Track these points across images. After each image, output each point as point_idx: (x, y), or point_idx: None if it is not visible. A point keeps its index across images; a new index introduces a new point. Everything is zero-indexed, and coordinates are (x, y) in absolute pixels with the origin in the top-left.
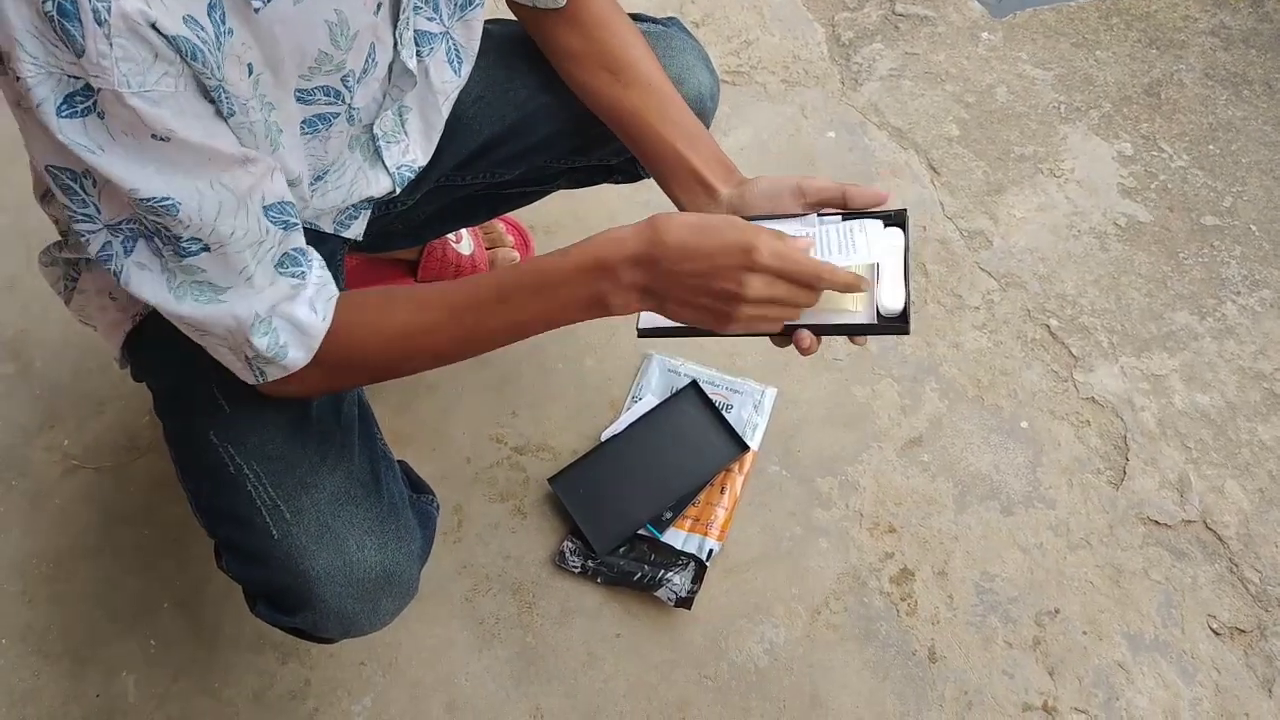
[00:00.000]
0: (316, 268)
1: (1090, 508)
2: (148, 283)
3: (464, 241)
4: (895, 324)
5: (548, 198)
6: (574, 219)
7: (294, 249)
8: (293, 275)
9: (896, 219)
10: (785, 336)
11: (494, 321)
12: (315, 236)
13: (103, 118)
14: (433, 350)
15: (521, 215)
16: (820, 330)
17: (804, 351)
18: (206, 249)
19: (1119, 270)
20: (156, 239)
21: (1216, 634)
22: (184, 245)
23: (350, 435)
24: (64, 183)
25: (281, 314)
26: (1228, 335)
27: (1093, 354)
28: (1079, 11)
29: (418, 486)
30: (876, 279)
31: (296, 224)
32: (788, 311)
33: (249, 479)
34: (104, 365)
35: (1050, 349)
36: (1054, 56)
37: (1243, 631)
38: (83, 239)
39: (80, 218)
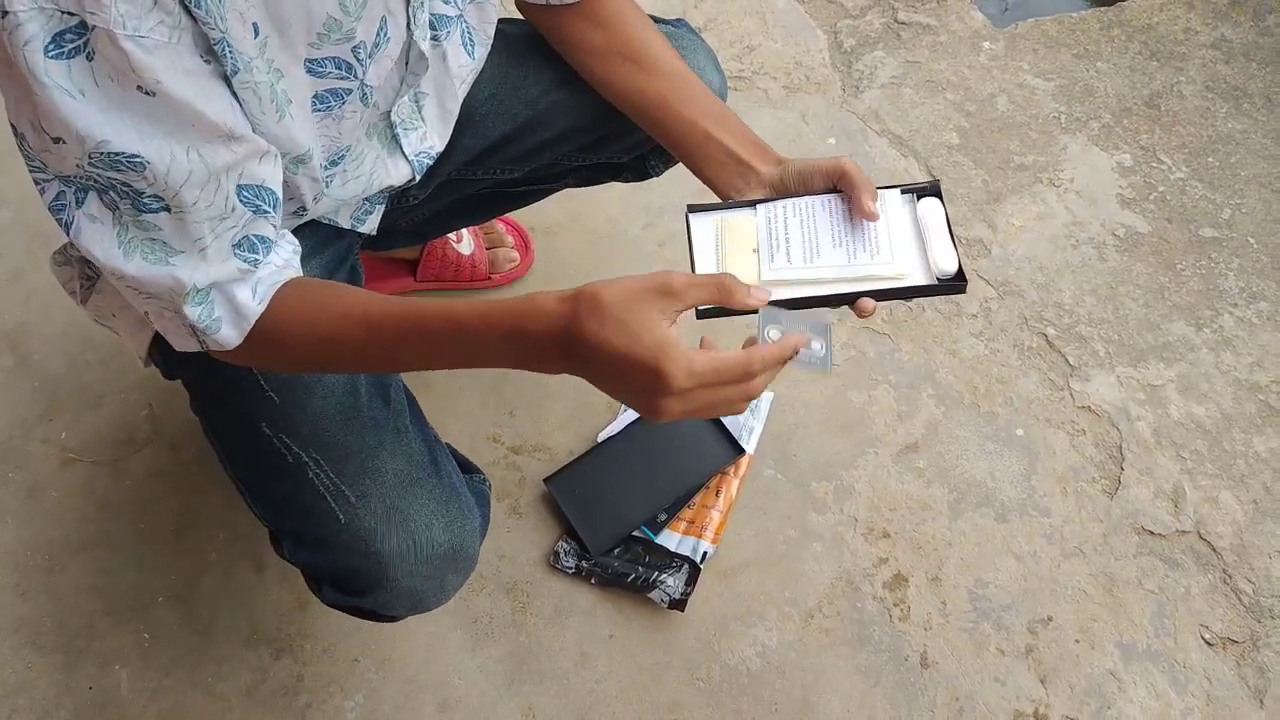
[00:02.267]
0: (281, 254)
1: (1084, 516)
2: (97, 237)
3: (464, 241)
4: (952, 283)
5: (548, 199)
6: (574, 220)
7: (257, 235)
8: (246, 260)
9: (931, 190)
10: (845, 303)
11: (408, 354)
12: (333, 232)
13: (91, 59)
14: (351, 361)
15: (522, 216)
16: (881, 295)
17: (862, 315)
18: (167, 209)
19: (1117, 280)
20: (111, 193)
21: (1209, 644)
22: (144, 201)
23: (403, 419)
24: (18, 134)
25: (222, 291)
26: (1224, 347)
27: (1089, 363)
28: (1080, 22)
29: (466, 467)
30: (926, 243)
31: (268, 212)
32: (726, 407)
33: (309, 467)
34: (103, 359)
35: (1047, 357)
36: (1055, 67)
37: (1235, 642)
38: (39, 188)
39: (34, 166)
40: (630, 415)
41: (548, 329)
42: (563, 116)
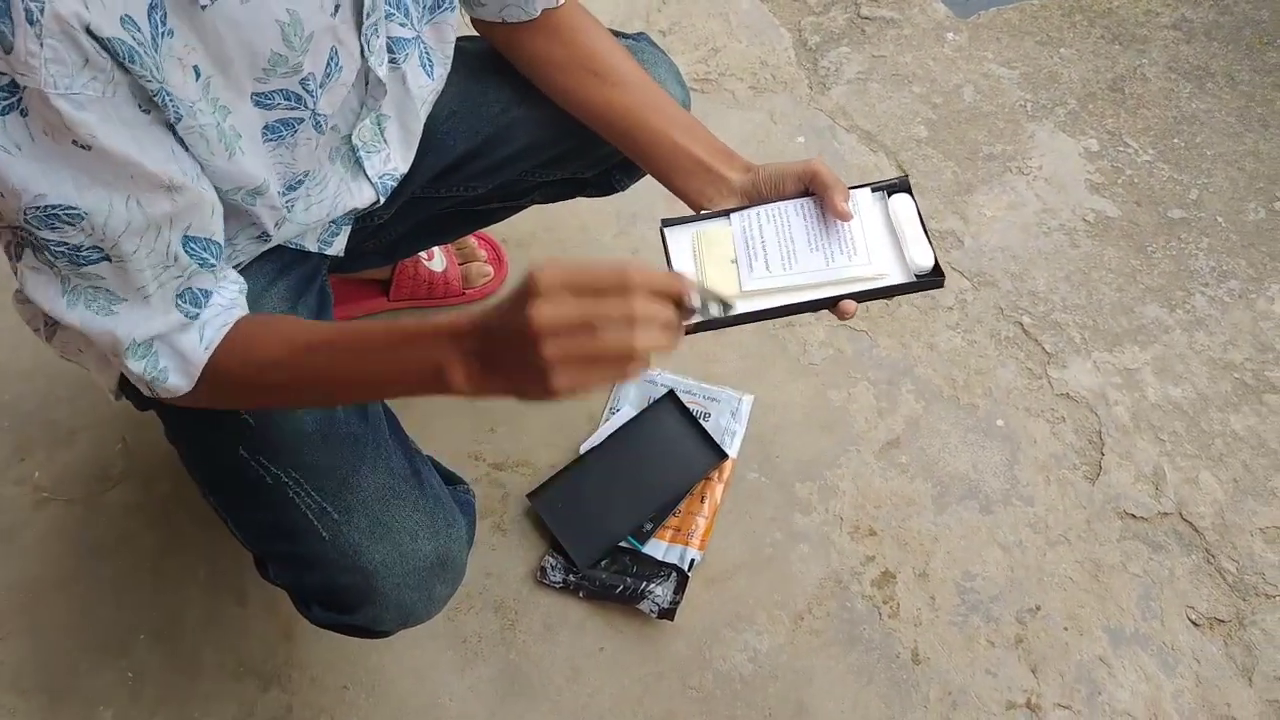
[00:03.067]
0: (224, 295)
1: (1068, 503)
2: (41, 286)
3: (435, 259)
4: (930, 279)
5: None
6: (546, 232)
7: (200, 287)
8: (187, 313)
9: (901, 185)
10: (828, 308)
11: (342, 368)
12: (299, 255)
13: (25, 115)
14: (293, 386)
15: (493, 228)
16: (860, 297)
17: (843, 318)
18: (107, 259)
19: (1089, 265)
20: (46, 253)
21: (1196, 625)
22: (83, 255)
23: (381, 434)
24: None
25: (165, 341)
26: (1197, 327)
27: (1066, 350)
28: (1042, 10)
29: (449, 478)
30: (900, 240)
31: (214, 264)
32: (604, 340)
33: (289, 487)
34: (73, 395)
35: (1024, 346)
36: (1019, 55)
37: (1222, 621)
38: None
39: None
40: (612, 426)
41: (471, 316)
42: (525, 132)
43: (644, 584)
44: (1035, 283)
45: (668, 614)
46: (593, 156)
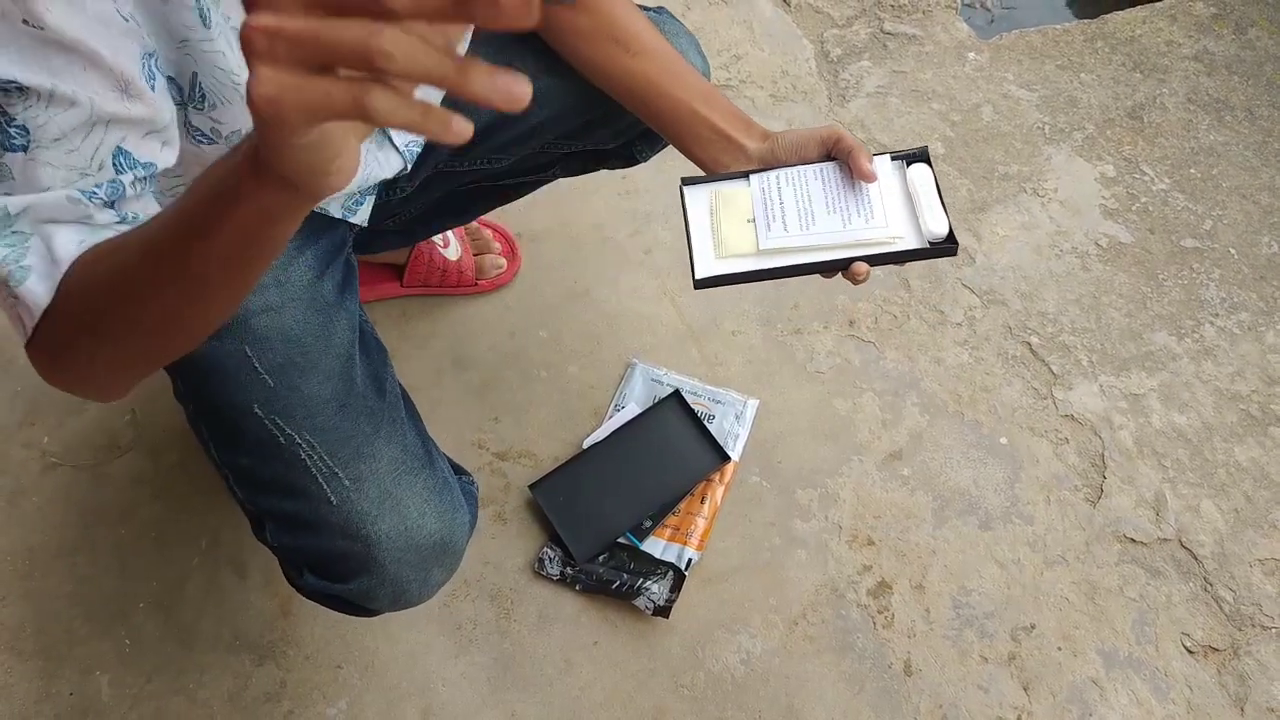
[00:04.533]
0: (130, 209)
1: (1067, 524)
2: None
3: (450, 246)
4: (944, 246)
5: (536, 206)
6: (560, 226)
7: (111, 180)
8: (87, 196)
9: (921, 156)
10: (839, 269)
11: (171, 215)
12: (325, 222)
13: None
14: (133, 265)
15: (508, 221)
16: (874, 260)
17: (856, 281)
18: (24, 148)
19: (1100, 290)
20: None
21: (1190, 652)
22: (12, 131)
23: (398, 411)
24: None
25: (42, 234)
26: (1205, 356)
27: (1072, 372)
28: (1064, 34)
29: (455, 469)
30: (916, 207)
31: (131, 169)
32: (327, 87)
33: (302, 448)
34: None
35: (1030, 366)
36: (1039, 78)
37: (1216, 650)
38: None
39: None
40: (616, 422)
41: None
42: (549, 102)
43: (640, 581)
44: (1045, 304)
45: (663, 612)
46: (615, 127)
